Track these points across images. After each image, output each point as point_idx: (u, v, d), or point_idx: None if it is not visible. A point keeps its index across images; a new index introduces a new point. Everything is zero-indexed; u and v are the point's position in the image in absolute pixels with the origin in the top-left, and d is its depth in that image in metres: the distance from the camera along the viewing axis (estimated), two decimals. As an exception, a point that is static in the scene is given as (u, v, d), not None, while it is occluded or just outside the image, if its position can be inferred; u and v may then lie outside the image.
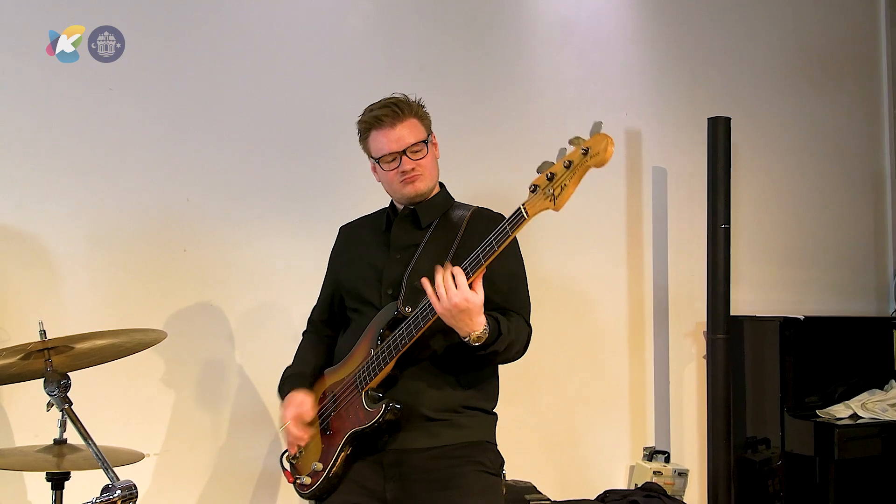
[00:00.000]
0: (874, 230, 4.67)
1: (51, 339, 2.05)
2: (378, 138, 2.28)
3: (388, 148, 2.26)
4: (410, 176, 2.27)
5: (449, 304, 1.99)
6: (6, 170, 3.01)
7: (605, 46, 4.04)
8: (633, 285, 4.01)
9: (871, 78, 4.75)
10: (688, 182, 4.07)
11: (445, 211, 2.35)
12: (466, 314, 2.01)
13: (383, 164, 2.29)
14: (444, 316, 2.02)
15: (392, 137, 2.26)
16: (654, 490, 3.54)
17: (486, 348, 2.08)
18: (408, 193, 2.29)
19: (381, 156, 2.28)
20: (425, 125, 2.32)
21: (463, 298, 1.99)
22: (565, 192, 1.90)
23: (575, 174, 1.88)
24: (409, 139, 2.26)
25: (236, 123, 3.31)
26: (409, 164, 2.26)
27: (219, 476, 3.21)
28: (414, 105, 2.31)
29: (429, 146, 2.30)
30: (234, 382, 3.26)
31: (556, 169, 1.91)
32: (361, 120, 2.33)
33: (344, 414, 2.22)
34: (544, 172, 1.93)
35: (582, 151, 1.87)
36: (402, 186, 2.29)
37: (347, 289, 2.40)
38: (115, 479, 1.83)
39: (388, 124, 2.26)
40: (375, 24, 3.60)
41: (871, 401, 3.94)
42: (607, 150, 1.83)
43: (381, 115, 2.27)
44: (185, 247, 3.21)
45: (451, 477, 2.14)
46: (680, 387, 4.07)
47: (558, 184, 1.90)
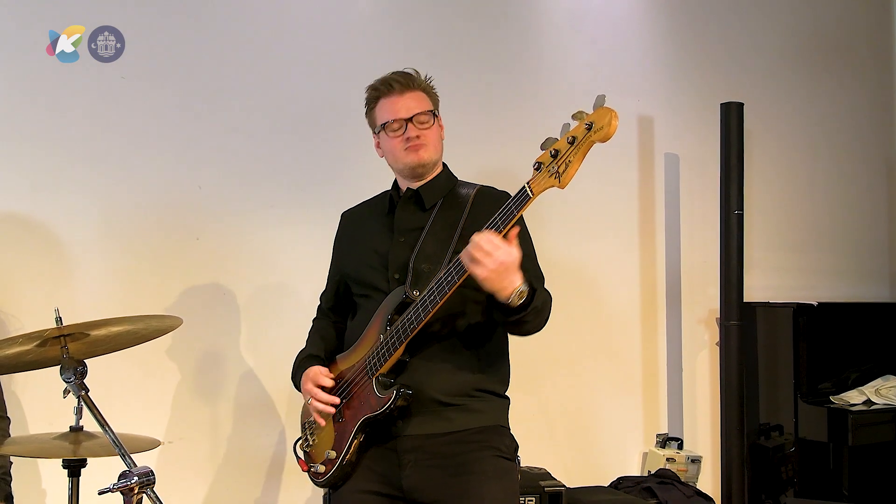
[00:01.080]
0: (888, 215, 4.64)
1: (67, 326, 2.04)
2: (385, 105, 2.28)
3: (394, 115, 2.25)
4: (415, 143, 2.25)
5: (496, 263, 1.92)
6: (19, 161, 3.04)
7: (618, 32, 4.02)
8: (645, 272, 4.00)
9: (884, 63, 4.71)
10: (700, 168, 4.06)
11: (449, 191, 2.33)
12: (512, 270, 1.95)
13: (388, 130, 2.27)
14: (490, 278, 1.95)
15: (400, 105, 2.25)
16: (667, 477, 3.55)
17: (527, 308, 2.01)
18: (411, 162, 2.27)
19: (387, 122, 2.26)
20: (433, 100, 2.32)
21: (507, 252, 1.93)
22: (570, 168, 1.84)
23: (579, 150, 1.83)
24: (416, 108, 2.25)
25: (246, 112, 3.32)
26: (415, 132, 2.24)
27: (232, 463, 3.22)
28: (424, 81, 2.31)
29: (435, 120, 2.30)
30: (247, 369, 3.27)
31: (559, 145, 1.86)
32: (371, 86, 2.32)
33: (356, 401, 2.21)
34: (548, 149, 1.87)
35: (586, 126, 1.82)
36: (406, 154, 2.26)
37: (353, 276, 2.38)
38: (133, 466, 1.84)
39: (398, 91, 2.26)
40: (385, 11, 3.59)
41: (884, 387, 3.93)
42: (611, 123, 1.78)
43: (391, 79, 2.27)
44: (197, 235, 3.23)
45: (466, 462, 2.13)
46: (693, 373, 4.06)
47: (563, 161, 1.85)
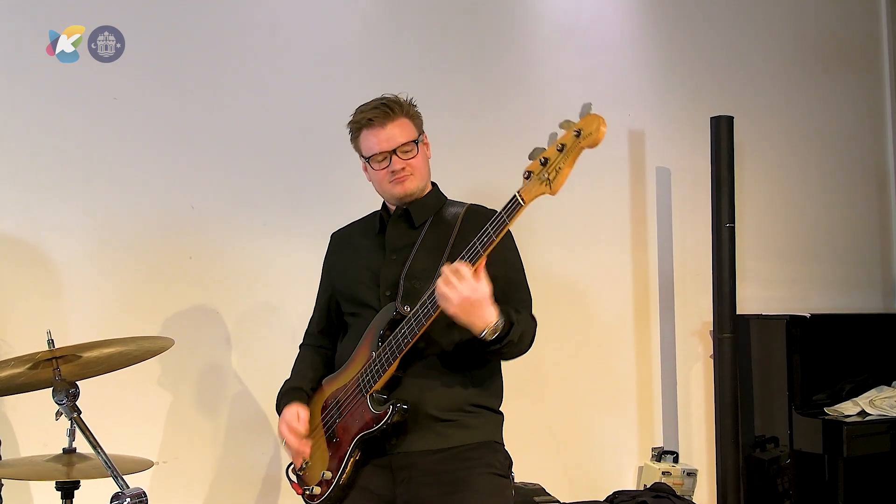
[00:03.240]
0: (879, 226, 4.66)
1: (59, 348, 2.04)
2: (368, 138, 2.27)
3: (378, 147, 2.25)
4: (400, 176, 2.25)
5: (459, 298, 1.96)
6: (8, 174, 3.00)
7: (607, 47, 4.03)
8: (638, 285, 4.01)
9: (873, 73, 4.75)
10: (692, 181, 4.07)
11: (438, 209, 2.34)
12: (478, 306, 1.98)
13: (373, 163, 2.28)
14: (457, 314, 1.99)
15: (382, 137, 2.24)
16: (663, 490, 3.54)
17: (502, 341, 2.05)
18: (397, 193, 2.28)
19: (372, 155, 2.27)
20: (416, 125, 2.31)
21: (472, 289, 1.96)
22: (560, 175, 1.87)
23: (569, 157, 1.86)
24: (400, 139, 2.25)
25: (238, 128, 3.31)
26: (399, 164, 2.25)
27: (225, 482, 3.20)
28: (405, 104, 2.29)
29: (419, 146, 2.29)
30: (239, 388, 3.26)
31: (549, 153, 1.89)
32: (352, 120, 2.32)
33: (349, 419, 2.20)
34: (537, 158, 1.91)
35: (574, 133, 1.85)
36: (392, 186, 2.27)
37: (344, 293, 2.39)
38: (125, 487, 1.82)
39: (379, 124, 2.25)
40: (376, 27, 3.60)
41: (879, 397, 3.93)
42: (599, 129, 1.81)
43: (371, 115, 2.26)
44: (190, 254, 3.22)
45: (461, 479, 2.13)
46: (687, 386, 4.06)
47: (553, 168, 1.88)
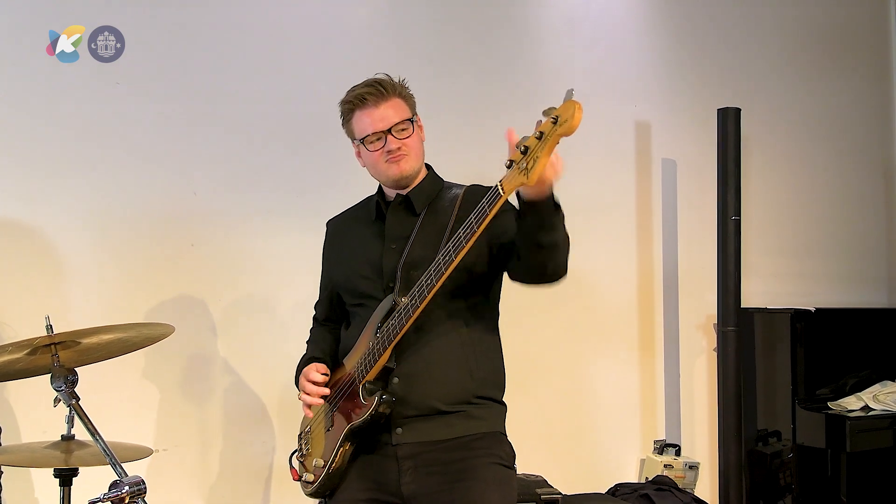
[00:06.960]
0: (886, 220, 4.63)
1: (57, 334, 2.03)
2: (362, 118, 2.22)
3: (372, 127, 2.20)
4: (396, 155, 2.21)
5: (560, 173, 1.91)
6: (11, 166, 3.02)
7: (614, 38, 4.01)
8: (642, 278, 3.99)
9: (881, 66, 4.71)
10: (698, 174, 4.05)
11: (437, 193, 2.30)
12: None
13: (368, 144, 2.23)
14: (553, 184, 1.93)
15: (376, 117, 2.20)
16: (665, 483, 3.53)
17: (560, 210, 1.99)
18: (393, 174, 2.24)
19: (366, 135, 2.22)
20: (409, 105, 2.27)
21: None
22: (538, 164, 1.83)
23: (546, 145, 1.81)
24: (394, 118, 2.20)
25: (241, 117, 3.31)
26: (395, 143, 2.20)
27: (224, 470, 3.20)
28: (398, 85, 2.25)
29: (414, 125, 2.25)
30: (240, 377, 3.26)
31: (529, 142, 1.85)
32: (344, 101, 2.27)
33: (344, 409, 2.20)
34: (520, 146, 1.87)
35: (552, 120, 1.80)
36: (388, 167, 2.22)
37: (345, 286, 2.36)
38: (124, 475, 1.82)
39: (372, 103, 2.20)
40: (383, 17, 3.59)
41: (882, 392, 3.92)
42: (574, 116, 1.76)
43: (364, 93, 2.21)
44: (192, 241, 3.21)
45: (467, 469, 2.12)
46: (690, 379, 4.05)
47: (532, 157, 1.84)
